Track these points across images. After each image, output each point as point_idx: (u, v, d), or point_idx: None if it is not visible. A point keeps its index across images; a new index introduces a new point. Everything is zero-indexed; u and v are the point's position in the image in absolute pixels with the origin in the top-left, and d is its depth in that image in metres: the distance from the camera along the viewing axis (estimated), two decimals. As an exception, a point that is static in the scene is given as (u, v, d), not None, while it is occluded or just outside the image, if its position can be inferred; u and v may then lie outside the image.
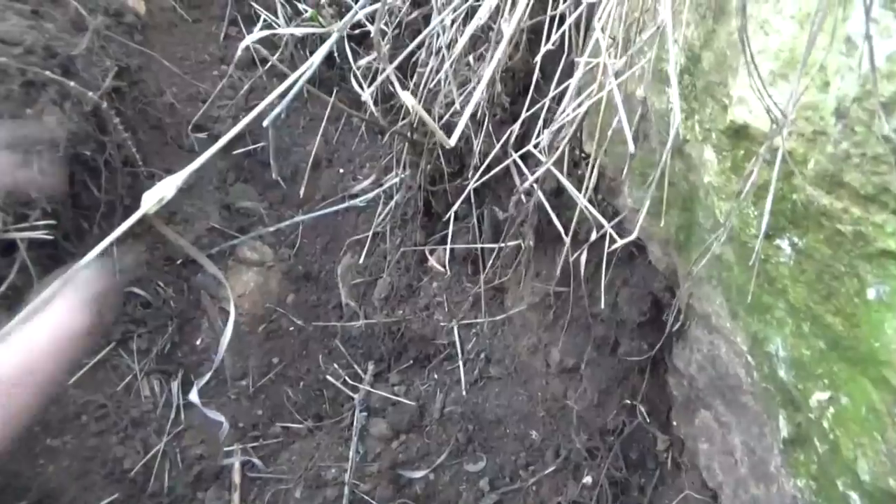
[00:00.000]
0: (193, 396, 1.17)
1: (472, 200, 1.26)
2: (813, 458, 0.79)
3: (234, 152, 1.65)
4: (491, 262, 1.32)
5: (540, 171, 0.76)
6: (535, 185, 0.87)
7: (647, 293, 1.13)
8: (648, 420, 1.17)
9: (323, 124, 1.36)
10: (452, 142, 0.57)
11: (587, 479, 1.12)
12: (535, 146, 0.74)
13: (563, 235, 0.84)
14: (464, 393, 1.26)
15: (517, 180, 0.90)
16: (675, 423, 1.17)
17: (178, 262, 1.51)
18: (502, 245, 1.21)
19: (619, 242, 0.69)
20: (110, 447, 1.18)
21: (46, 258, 1.20)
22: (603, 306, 0.82)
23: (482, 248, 1.30)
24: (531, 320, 1.25)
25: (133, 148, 1.41)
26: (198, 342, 1.44)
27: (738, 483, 1.00)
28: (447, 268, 1.34)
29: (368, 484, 1.19)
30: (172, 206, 1.61)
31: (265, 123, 0.79)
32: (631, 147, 0.62)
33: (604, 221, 0.71)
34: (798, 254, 0.66)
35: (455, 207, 0.84)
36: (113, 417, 1.21)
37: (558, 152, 0.76)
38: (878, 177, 0.51)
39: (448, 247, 1.26)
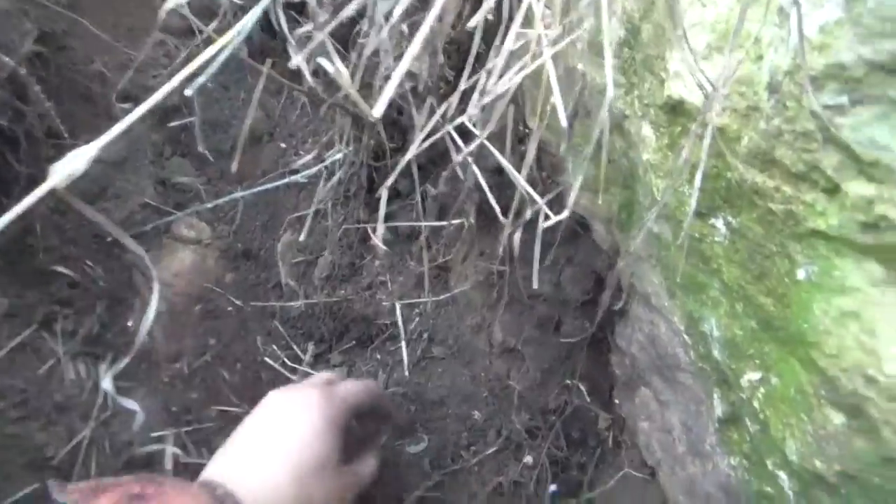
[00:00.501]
0: (107, 384, 1.11)
1: (416, 177, 1.22)
2: (746, 437, 0.79)
3: (171, 125, 1.58)
4: (435, 240, 1.29)
5: (473, 145, 0.73)
6: (470, 161, 0.84)
7: (590, 272, 1.12)
8: (590, 399, 1.16)
9: (257, 96, 1.29)
10: (377, 113, 0.54)
11: (528, 459, 1.11)
12: (470, 120, 0.71)
13: (500, 214, 0.81)
14: (406, 373, 1.24)
15: (453, 155, 0.87)
16: (617, 402, 1.17)
17: (109, 239, 1.44)
18: (446, 223, 1.18)
19: (553, 219, 0.67)
20: (31, 434, 1.12)
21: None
22: (535, 285, 0.80)
23: (426, 227, 1.27)
24: (475, 300, 1.23)
25: (57, 119, 1.32)
26: (129, 323, 1.37)
27: (676, 460, 1.00)
28: (390, 246, 1.30)
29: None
30: (103, 180, 1.53)
31: (187, 92, 0.74)
32: (563, 121, 0.59)
33: (538, 198, 0.69)
34: (732, 233, 0.65)
35: (390, 181, 0.80)
36: (34, 403, 1.14)
37: (491, 125, 0.73)
38: (808, 154, 0.50)
39: (380, 225, 1.22)
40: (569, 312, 1.14)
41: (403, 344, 1.26)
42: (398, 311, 1.27)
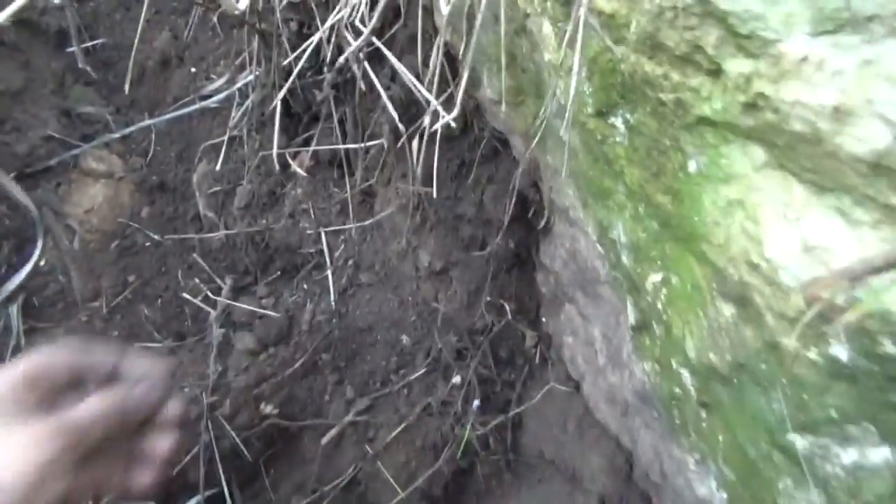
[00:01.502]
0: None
1: (332, 99, 1.17)
2: (656, 342, 0.80)
3: (69, 50, 1.47)
4: (357, 165, 1.25)
5: (359, 41, 0.69)
6: (354, 61, 0.79)
7: (512, 191, 1.10)
8: (517, 318, 1.16)
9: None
10: (242, 5, 0.49)
11: (456, 379, 1.11)
12: (361, 19, 0.66)
13: (399, 124, 0.77)
14: (333, 302, 1.21)
15: (357, 72, 0.82)
16: (543, 320, 1.17)
17: (12, 175, 1.35)
18: (364, 145, 1.14)
19: (445, 118, 0.63)
20: (-65, 380, 1.07)
21: None
22: (435, 195, 0.77)
23: (346, 150, 1.22)
24: (399, 224, 1.20)
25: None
26: (41, 263, 1.31)
27: (598, 372, 1.01)
28: (311, 172, 1.25)
29: (230, 405, 1.14)
30: (0, 112, 1.42)
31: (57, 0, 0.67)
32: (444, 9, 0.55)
33: (430, 97, 0.65)
34: (630, 131, 0.63)
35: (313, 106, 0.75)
36: (-62, 347, 1.09)
37: (373, 22, 0.68)
38: (689, 32, 0.47)
39: (308, 149, 1.17)
40: (492, 232, 1.12)
41: (329, 272, 1.23)
42: (323, 239, 1.24)
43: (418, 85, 0.69)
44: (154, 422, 0.65)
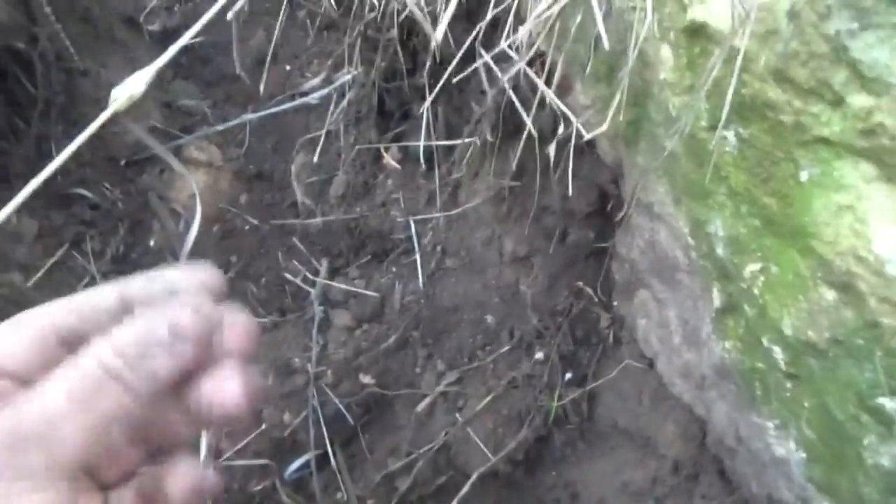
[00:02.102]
0: None
1: (427, 98, 1.28)
2: (741, 323, 0.92)
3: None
4: (445, 159, 1.36)
5: (513, 70, 0.80)
6: (507, 85, 0.91)
7: (594, 185, 1.22)
8: (592, 301, 1.28)
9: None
10: (439, 35, 0.60)
11: (539, 355, 1.24)
12: (510, 45, 0.78)
13: (530, 128, 0.89)
14: (421, 284, 1.34)
15: (485, 80, 0.93)
16: (616, 304, 1.29)
17: (122, 163, 1.48)
18: (458, 142, 1.25)
19: (590, 134, 0.75)
20: (78, 347, 1.20)
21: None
22: (570, 193, 0.88)
23: (437, 146, 1.34)
24: (485, 214, 1.32)
25: (67, 41, 1.33)
26: (151, 243, 1.44)
27: (673, 351, 1.13)
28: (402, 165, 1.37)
29: (332, 375, 1.26)
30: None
31: (229, 16, 0.79)
32: (606, 44, 0.66)
33: (572, 116, 0.77)
34: (742, 143, 0.74)
35: (429, 102, 0.86)
36: (77, 318, 1.22)
37: (530, 52, 0.79)
38: (820, 72, 0.59)
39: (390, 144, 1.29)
40: (574, 223, 1.24)
41: (418, 257, 1.35)
42: (412, 227, 1.36)
43: (562, 106, 0.81)
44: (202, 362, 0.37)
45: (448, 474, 1.27)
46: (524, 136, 1.04)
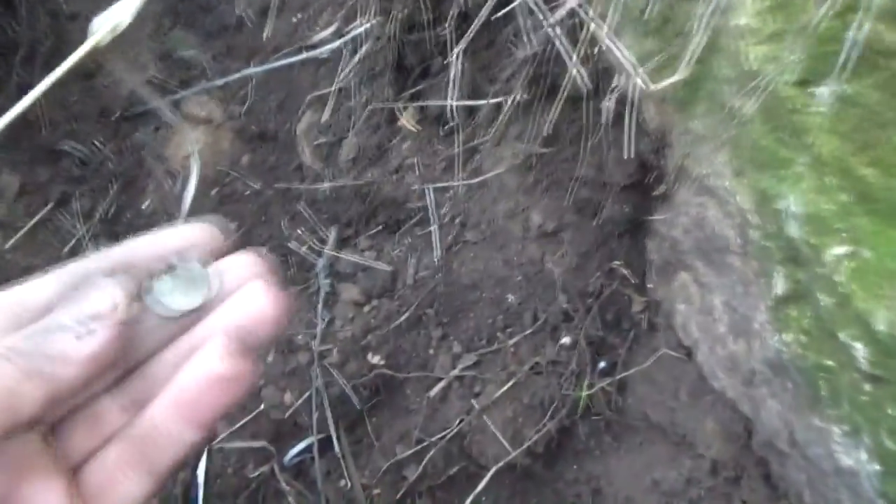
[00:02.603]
0: None
1: (452, 51, 1.16)
2: (807, 314, 0.81)
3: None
4: (467, 122, 1.24)
5: (563, 11, 0.68)
6: (553, 30, 0.78)
7: (634, 155, 1.09)
8: (625, 283, 1.17)
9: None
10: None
11: (565, 340, 1.13)
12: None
13: (578, 78, 0.77)
14: (437, 258, 1.23)
15: (523, 25, 0.81)
16: (651, 286, 1.18)
17: (115, 117, 1.36)
18: (484, 102, 1.13)
19: (662, 83, 0.63)
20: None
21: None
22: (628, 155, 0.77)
23: (458, 106, 1.21)
24: (509, 183, 1.20)
25: (51, -21, 1.21)
26: (144, 205, 1.32)
27: (716, 340, 1.02)
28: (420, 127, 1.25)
29: (338, 354, 1.16)
30: (101, 55, 1.42)
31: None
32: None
33: (630, 67, 0.65)
34: (840, 101, 0.62)
35: (458, 50, 0.74)
36: (60, 284, 1.11)
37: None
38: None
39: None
40: (610, 197, 1.12)
41: (434, 228, 1.24)
42: (428, 195, 1.24)
43: (621, 56, 0.69)
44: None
45: (461, 465, 1.17)
46: (563, 92, 0.92)
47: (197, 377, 0.33)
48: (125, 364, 0.34)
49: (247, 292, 0.35)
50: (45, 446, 0.32)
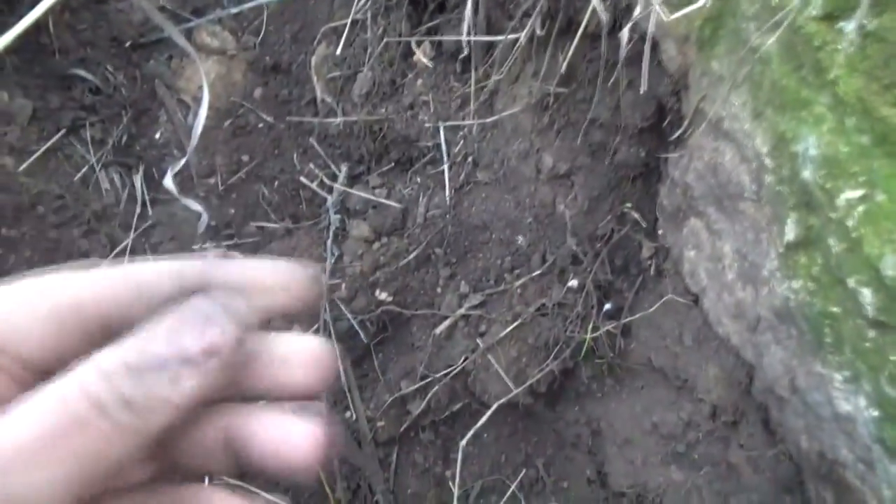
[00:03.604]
0: (168, 182, 1.08)
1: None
2: (817, 260, 0.80)
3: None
4: (482, 59, 1.22)
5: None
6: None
7: (652, 97, 1.07)
8: (635, 228, 1.16)
9: None
10: None
11: (573, 283, 1.13)
12: None
13: (598, 10, 0.75)
14: (448, 197, 1.22)
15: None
16: (661, 232, 1.17)
17: (127, 44, 1.34)
18: (500, 38, 1.10)
19: (676, 14, 0.61)
20: (74, 240, 1.11)
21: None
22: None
23: (474, 43, 1.19)
24: (524, 124, 1.18)
25: None
26: (156, 136, 1.32)
27: (724, 287, 1.02)
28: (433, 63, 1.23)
29: (346, 290, 1.17)
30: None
31: None
32: None
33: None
34: (865, 37, 0.60)
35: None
36: (72, 210, 1.12)
37: None
38: None
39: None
40: (624, 140, 1.10)
41: (446, 167, 1.23)
42: (441, 133, 1.23)
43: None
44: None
45: (464, 401, 1.19)
46: (582, 28, 0.89)
47: None
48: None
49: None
50: None
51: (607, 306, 1.10)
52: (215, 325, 0.26)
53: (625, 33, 0.82)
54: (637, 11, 0.79)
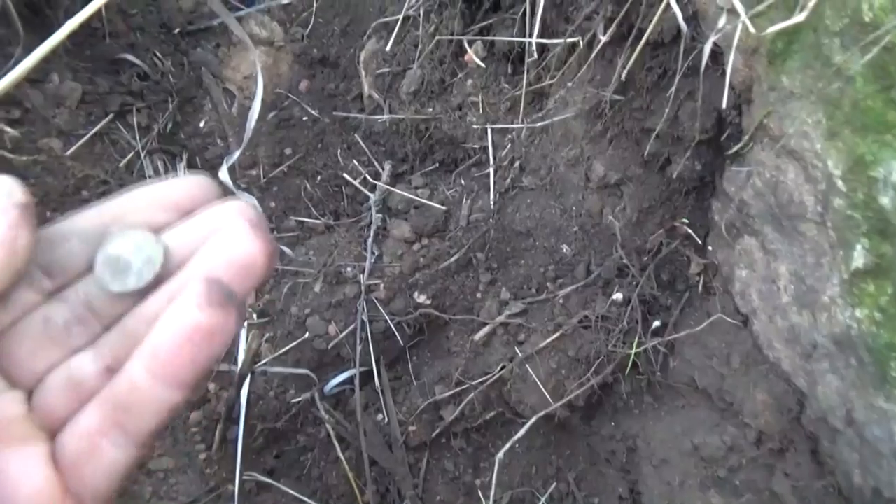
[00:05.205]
0: (224, 175, 1.07)
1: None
2: (886, 290, 0.76)
3: None
4: (535, 62, 1.19)
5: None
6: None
7: (712, 109, 1.04)
8: (685, 243, 1.13)
9: None
10: None
11: (617, 296, 1.10)
12: None
13: (680, 21, 0.72)
14: (492, 201, 1.20)
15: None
16: (711, 249, 1.13)
17: (176, 31, 1.34)
18: (558, 41, 1.08)
19: (778, 25, 0.57)
20: (117, 226, 1.10)
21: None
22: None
23: (528, 45, 1.16)
24: (575, 130, 1.16)
25: None
26: (201, 124, 1.32)
27: (777, 310, 0.99)
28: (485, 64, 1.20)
29: (385, 290, 1.15)
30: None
31: None
32: None
33: (740, 7, 0.60)
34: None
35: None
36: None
37: None
38: None
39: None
40: (680, 152, 1.07)
41: (492, 170, 1.20)
42: (489, 136, 1.21)
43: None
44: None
45: (498, 410, 1.17)
46: (647, 34, 0.86)
47: (173, 331, 0.31)
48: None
49: (230, 236, 0.33)
50: (23, 411, 0.31)
51: (656, 323, 1.06)
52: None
53: (707, 46, 0.79)
54: (721, 23, 0.75)
